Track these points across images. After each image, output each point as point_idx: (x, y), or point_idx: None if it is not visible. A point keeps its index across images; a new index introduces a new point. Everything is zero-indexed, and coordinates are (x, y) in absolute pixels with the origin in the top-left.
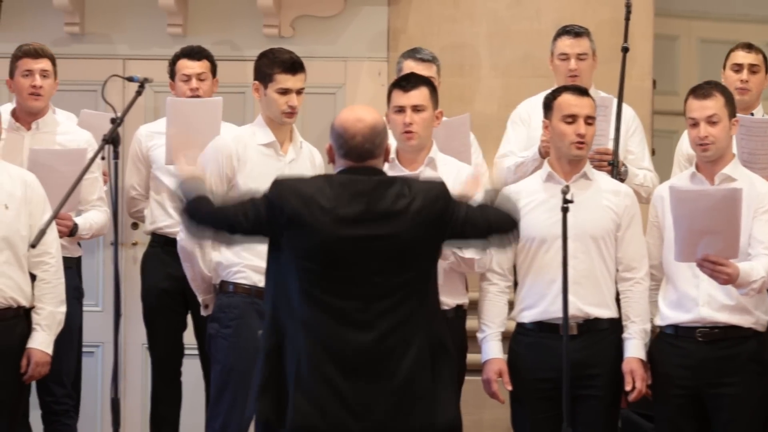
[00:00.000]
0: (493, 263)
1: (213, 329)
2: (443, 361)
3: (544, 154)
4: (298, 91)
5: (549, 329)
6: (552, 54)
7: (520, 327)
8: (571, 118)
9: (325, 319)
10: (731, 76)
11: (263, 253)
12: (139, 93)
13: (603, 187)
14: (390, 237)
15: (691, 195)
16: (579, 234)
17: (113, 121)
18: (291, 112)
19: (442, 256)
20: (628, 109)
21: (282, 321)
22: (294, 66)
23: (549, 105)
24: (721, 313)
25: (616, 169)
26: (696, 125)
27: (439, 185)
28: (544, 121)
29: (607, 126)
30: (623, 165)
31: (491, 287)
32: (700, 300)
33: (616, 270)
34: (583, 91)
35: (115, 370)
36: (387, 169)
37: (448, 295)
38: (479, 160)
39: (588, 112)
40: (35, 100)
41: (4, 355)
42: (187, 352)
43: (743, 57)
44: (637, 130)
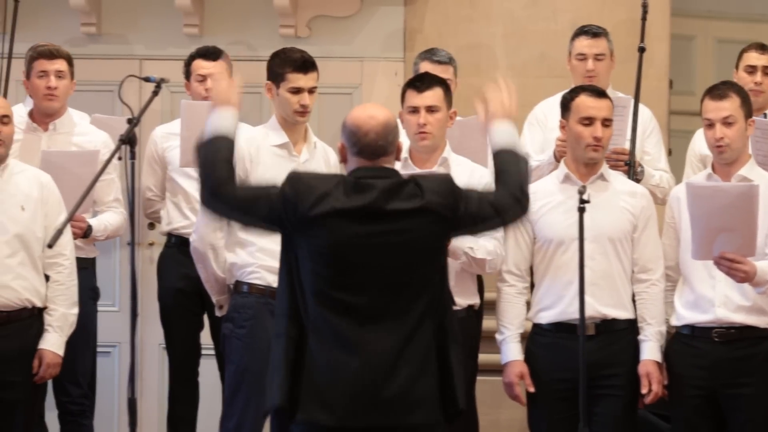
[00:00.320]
0: (510, 264)
1: (227, 329)
2: (454, 356)
3: (558, 158)
4: (311, 90)
5: (566, 330)
6: (569, 54)
7: (537, 327)
8: (588, 121)
9: (337, 316)
10: (744, 77)
11: (277, 254)
12: (155, 93)
13: (619, 188)
14: (402, 236)
15: (707, 192)
16: (596, 235)
17: (129, 121)
18: (303, 111)
19: (454, 257)
20: (645, 110)
21: (298, 313)
22: (305, 65)
23: (567, 105)
24: (738, 313)
25: (632, 169)
26: (712, 126)
27: (448, 181)
28: (561, 121)
29: (624, 126)
30: (640, 165)
31: (509, 288)
32: (717, 301)
33: (632, 271)
34: (601, 93)
35: (132, 370)
36: (399, 168)
37: (459, 295)
38: None
39: (605, 115)
40: (50, 102)
41: (20, 356)
42: (204, 352)
43: (757, 59)
44: (654, 131)
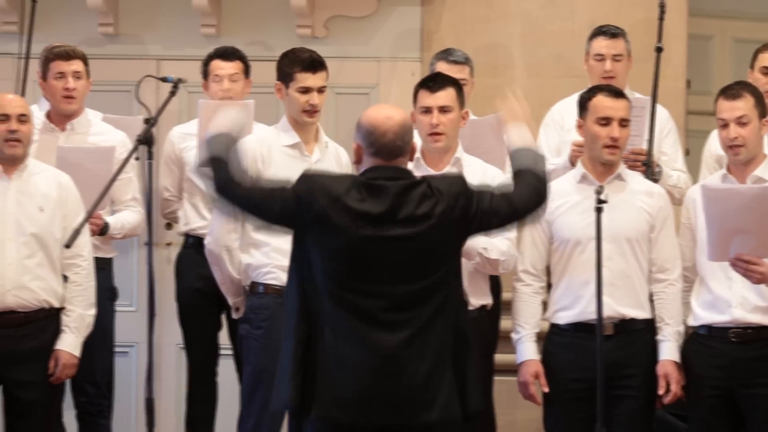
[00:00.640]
0: (527, 264)
1: (244, 330)
2: (467, 358)
3: (574, 163)
4: (320, 90)
5: (584, 329)
6: (587, 54)
7: (554, 327)
8: (606, 121)
9: (350, 319)
10: (760, 78)
11: None
12: (172, 93)
13: (636, 188)
14: (415, 238)
15: (723, 194)
16: (613, 235)
17: (147, 121)
18: (312, 111)
19: (467, 257)
20: (663, 111)
21: (311, 313)
22: (314, 64)
23: (584, 105)
24: (754, 314)
25: (650, 169)
26: (726, 126)
27: (460, 181)
28: (578, 121)
29: (642, 126)
30: (657, 165)
31: (526, 288)
32: (733, 301)
33: (650, 271)
34: (619, 93)
35: (150, 370)
36: (412, 168)
37: (472, 295)
38: None
39: (623, 115)
40: (69, 104)
41: (38, 356)
42: (223, 352)
43: None
44: (671, 132)
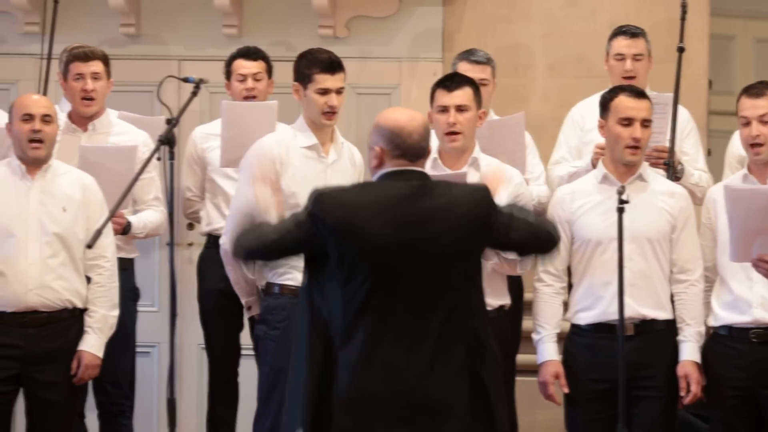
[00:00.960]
0: (547, 264)
1: (261, 331)
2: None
3: (595, 165)
4: (338, 91)
5: (605, 330)
6: (607, 54)
7: (575, 328)
8: (627, 121)
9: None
10: None
11: None
12: (194, 94)
13: (658, 188)
14: (434, 241)
15: (745, 194)
16: (635, 236)
17: (168, 121)
18: (331, 113)
19: (486, 257)
20: (683, 111)
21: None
22: (332, 65)
23: (606, 105)
24: None
25: (672, 168)
26: (748, 124)
27: (483, 190)
28: (599, 121)
29: (665, 123)
30: (679, 163)
31: (546, 288)
32: (754, 302)
33: (671, 271)
34: (641, 93)
35: (171, 370)
36: (429, 168)
37: (490, 295)
38: (535, 160)
39: (645, 115)
40: (88, 106)
41: (60, 357)
42: (244, 352)
43: None
44: (691, 132)
